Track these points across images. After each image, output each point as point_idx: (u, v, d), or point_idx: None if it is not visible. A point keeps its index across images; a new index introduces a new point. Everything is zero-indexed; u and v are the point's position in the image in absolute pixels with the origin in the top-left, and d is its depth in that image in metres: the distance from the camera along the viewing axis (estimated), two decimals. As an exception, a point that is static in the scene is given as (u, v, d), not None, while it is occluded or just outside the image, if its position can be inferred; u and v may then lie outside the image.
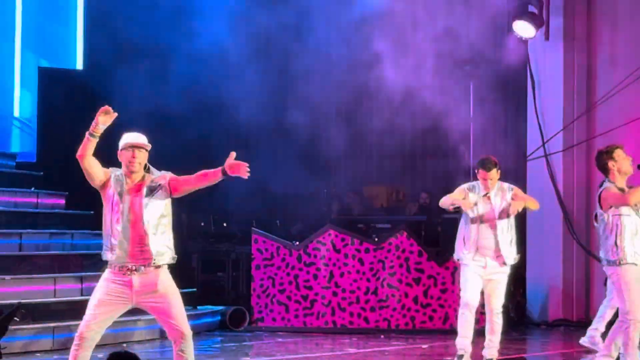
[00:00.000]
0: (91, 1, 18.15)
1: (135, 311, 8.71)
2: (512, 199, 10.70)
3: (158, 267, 8.07)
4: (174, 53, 16.92)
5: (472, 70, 15.94)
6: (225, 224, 16.86)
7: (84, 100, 15.57)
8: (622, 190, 9.36)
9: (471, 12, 16.12)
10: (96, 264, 13.53)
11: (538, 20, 15.04)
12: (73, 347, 7.96)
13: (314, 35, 17.00)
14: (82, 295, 13.35)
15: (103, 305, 7.99)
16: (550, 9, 15.40)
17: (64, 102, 16.70)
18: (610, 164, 9.44)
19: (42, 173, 16.19)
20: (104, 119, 7.63)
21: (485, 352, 10.80)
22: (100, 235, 10.65)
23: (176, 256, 8.24)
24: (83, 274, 13.65)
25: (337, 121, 17.25)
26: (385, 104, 17.03)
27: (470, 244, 10.76)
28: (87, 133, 7.63)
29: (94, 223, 14.12)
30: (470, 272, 10.69)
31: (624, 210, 9.32)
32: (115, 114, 7.56)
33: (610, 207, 9.35)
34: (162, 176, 8.03)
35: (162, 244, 8.09)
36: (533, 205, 11.10)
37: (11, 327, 10.59)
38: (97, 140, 7.62)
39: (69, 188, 15.14)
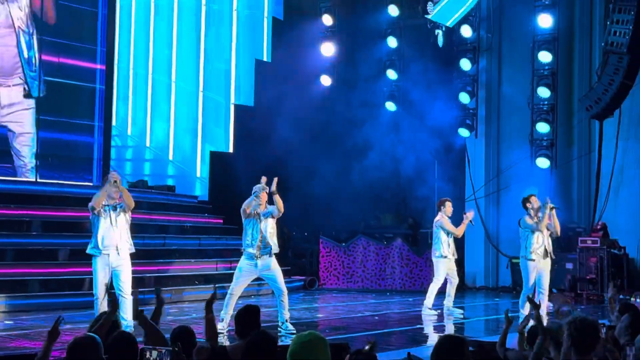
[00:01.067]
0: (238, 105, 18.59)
1: (258, 279, 9.79)
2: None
3: (270, 255, 9.43)
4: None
5: (437, 155, 17.25)
6: (305, 233, 17.98)
7: (231, 170, 16.45)
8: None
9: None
10: (239, 253, 16.94)
11: (471, 128, 16.83)
12: (227, 297, 9.33)
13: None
14: (231, 270, 13.51)
15: (243, 275, 9.52)
16: (478, 120, 16.85)
17: (222, 172, 17.28)
18: (527, 204, 10.46)
19: (210, 206, 17.09)
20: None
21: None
22: (238, 238, 13.85)
23: (278, 249, 9.45)
24: (231, 259, 14.24)
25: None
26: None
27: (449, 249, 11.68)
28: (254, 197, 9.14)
29: (236, 232, 15.00)
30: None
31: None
32: None
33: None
34: (272, 207, 9.39)
35: (271, 244, 9.35)
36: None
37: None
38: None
39: (225, 214, 16.12)
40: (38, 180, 14.82)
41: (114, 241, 8.51)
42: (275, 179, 9.25)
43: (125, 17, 19.26)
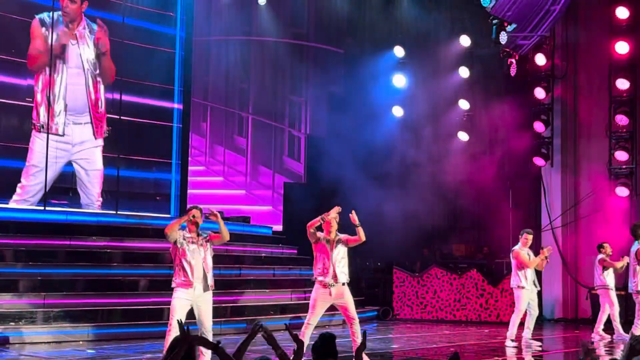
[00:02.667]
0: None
1: (331, 307, 9.45)
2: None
3: (343, 284, 9.21)
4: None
5: (511, 184, 17.04)
6: (379, 263, 17.70)
7: (304, 201, 16.47)
8: None
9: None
10: (313, 283, 17.04)
11: (546, 157, 16.55)
12: (304, 327, 9.07)
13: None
14: (305, 300, 13.68)
15: (319, 304, 9.23)
16: (554, 149, 16.63)
17: (295, 202, 17.47)
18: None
19: (285, 236, 17.12)
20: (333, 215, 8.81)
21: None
22: (312, 268, 13.79)
23: (349, 279, 9.23)
24: (305, 289, 14.45)
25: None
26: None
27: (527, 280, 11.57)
28: (320, 218, 8.96)
29: (310, 262, 17.22)
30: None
31: None
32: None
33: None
34: (344, 236, 9.23)
35: (343, 272, 9.21)
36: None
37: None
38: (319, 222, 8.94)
39: (298, 244, 15.98)
40: (118, 212, 15.22)
41: (198, 274, 8.26)
42: (353, 213, 9.15)
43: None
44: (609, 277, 12.57)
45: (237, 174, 19.84)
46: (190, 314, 8.34)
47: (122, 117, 15.66)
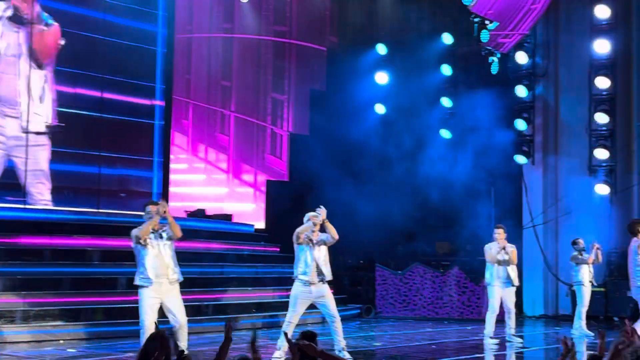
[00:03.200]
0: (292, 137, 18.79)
1: (311, 306, 9.48)
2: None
3: (323, 282, 9.26)
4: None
5: (493, 182, 16.95)
6: (361, 262, 17.72)
7: (287, 198, 16.59)
8: None
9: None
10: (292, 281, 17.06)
11: (528, 155, 16.68)
12: (284, 325, 9.21)
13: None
14: (287, 298, 13.50)
15: (299, 303, 9.34)
16: (535, 147, 16.73)
17: (277, 200, 17.49)
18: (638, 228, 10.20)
19: (267, 234, 16.98)
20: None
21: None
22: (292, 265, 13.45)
23: (332, 277, 9.29)
24: (288, 287, 12.83)
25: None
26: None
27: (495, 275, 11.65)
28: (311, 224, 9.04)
29: (293, 260, 17.39)
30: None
31: None
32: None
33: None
34: (325, 235, 9.28)
35: (324, 271, 9.21)
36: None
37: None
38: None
39: (281, 242, 15.59)
40: (99, 210, 15.13)
41: (163, 270, 8.07)
42: (323, 210, 9.16)
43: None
44: (581, 273, 12.69)
45: (219, 171, 19.71)
46: (160, 311, 8.25)
47: (103, 114, 15.56)
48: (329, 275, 9.32)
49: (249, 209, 18.54)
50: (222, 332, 5.07)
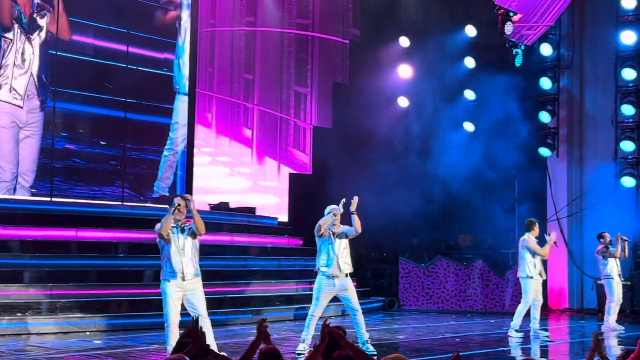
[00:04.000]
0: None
1: (335, 298, 9.58)
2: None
3: (346, 275, 9.39)
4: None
5: (517, 175, 17.09)
6: (384, 254, 17.81)
7: (310, 192, 16.47)
8: None
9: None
10: (314, 273, 17.04)
11: (552, 147, 16.57)
12: (308, 318, 9.32)
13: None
14: (310, 291, 13.55)
15: (323, 295, 9.44)
16: (559, 139, 16.64)
17: (300, 193, 17.45)
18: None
19: (290, 227, 17.08)
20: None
21: None
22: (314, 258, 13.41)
23: (352, 269, 9.39)
24: (311, 279, 13.71)
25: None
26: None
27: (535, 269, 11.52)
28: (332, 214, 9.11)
29: (316, 253, 17.56)
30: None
31: None
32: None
33: None
34: (346, 227, 9.38)
35: (346, 263, 9.37)
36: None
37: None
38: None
39: (304, 235, 16.01)
40: (124, 203, 15.31)
41: (184, 265, 8.04)
42: (356, 198, 9.18)
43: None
44: (610, 266, 12.61)
45: (242, 165, 19.74)
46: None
47: (126, 115, 15.74)
48: (350, 268, 9.34)
49: (272, 202, 18.57)
50: (245, 324, 5.14)
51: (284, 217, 17.85)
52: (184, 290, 8.08)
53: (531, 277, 11.56)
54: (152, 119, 16.37)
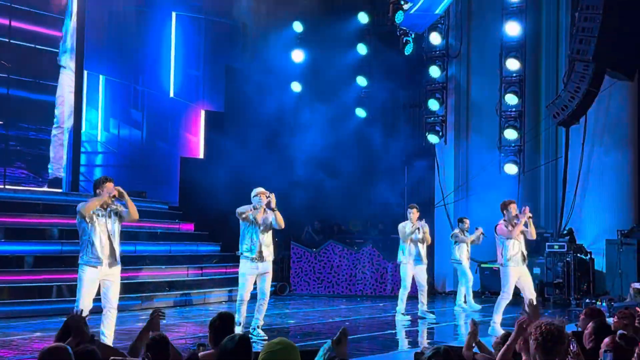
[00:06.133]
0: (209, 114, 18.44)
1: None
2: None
3: (267, 260, 9.55)
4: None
5: (406, 161, 17.35)
6: (276, 239, 16.03)
7: (201, 176, 16.07)
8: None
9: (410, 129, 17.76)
10: (210, 259, 15.20)
11: (440, 134, 16.91)
12: (238, 303, 9.37)
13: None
14: (201, 277, 14.63)
15: (248, 279, 9.43)
16: (447, 126, 16.95)
17: (192, 177, 16.86)
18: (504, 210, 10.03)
19: (181, 212, 16.82)
20: None
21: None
22: (209, 244, 13.62)
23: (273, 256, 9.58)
24: (202, 265, 14.98)
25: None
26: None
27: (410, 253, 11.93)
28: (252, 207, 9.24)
29: (208, 237, 16.00)
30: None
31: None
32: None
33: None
34: (271, 214, 9.53)
35: (268, 249, 9.49)
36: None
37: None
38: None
39: (195, 219, 16.13)
40: (6, 187, 14.73)
41: (108, 250, 7.83)
42: (272, 195, 9.36)
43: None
44: (460, 251, 13.41)
45: (132, 147, 19.37)
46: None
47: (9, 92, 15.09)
48: (271, 255, 9.64)
49: (163, 187, 18.24)
50: (135, 311, 5.16)
51: (175, 202, 17.60)
52: (103, 277, 7.85)
53: (404, 263, 12.04)
54: (36, 97, 15.80)
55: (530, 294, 9.94)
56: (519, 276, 10.04)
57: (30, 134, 15.65)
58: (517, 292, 10.43)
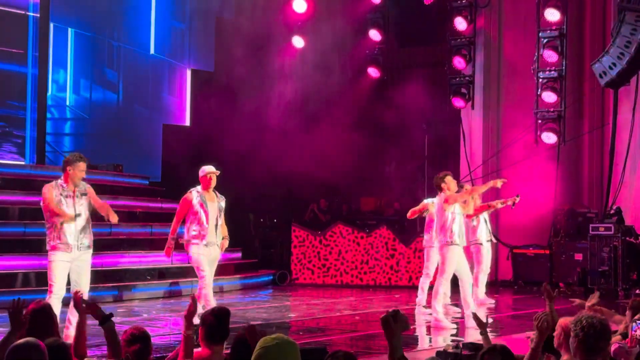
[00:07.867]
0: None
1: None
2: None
3: (218, 244, 9.71)
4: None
5: (428, 127, 17.18)
6: (275, 220, 18.00)
7: (187, 146, 16.50)
8: None
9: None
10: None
11: (467, 98, 16.85)
12: (204, 288, 9.46)
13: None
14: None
15: (206, 262, 9.60)
16: (474, 88, 16.92)
17: (177, 148, 17.06)
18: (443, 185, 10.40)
19: (164, 188, 17.01)
20: None
21: None
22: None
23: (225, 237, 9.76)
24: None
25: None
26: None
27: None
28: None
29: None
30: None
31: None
32: None
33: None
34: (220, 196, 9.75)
35: (220, 231, 9.70)
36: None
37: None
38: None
39: (180, 196, 13.85)
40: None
41: (78, 234, 8.34)
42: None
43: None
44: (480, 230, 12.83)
45: (106, 113, 19.32)
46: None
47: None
48: (220, 238, 9.77)
49: (142, 159, 18.45)
50: (111, 302, 5.26)
51: (156, 177, 17.90)
52: (73, 261, 8.28)
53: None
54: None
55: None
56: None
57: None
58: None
